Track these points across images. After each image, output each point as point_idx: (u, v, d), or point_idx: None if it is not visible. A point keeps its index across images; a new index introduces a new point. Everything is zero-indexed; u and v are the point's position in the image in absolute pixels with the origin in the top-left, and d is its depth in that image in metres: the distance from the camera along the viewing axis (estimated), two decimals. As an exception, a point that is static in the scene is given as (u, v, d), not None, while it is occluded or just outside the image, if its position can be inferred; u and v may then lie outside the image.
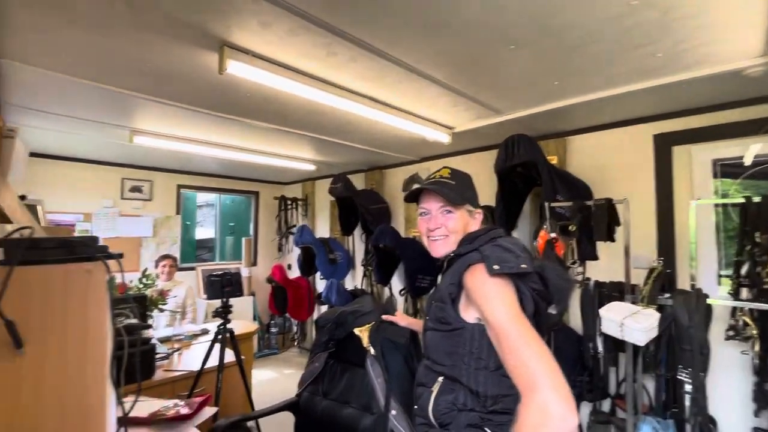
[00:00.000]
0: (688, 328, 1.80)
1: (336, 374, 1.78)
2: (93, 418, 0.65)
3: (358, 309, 1.73)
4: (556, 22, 1.40)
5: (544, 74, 1.85)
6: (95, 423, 0.65)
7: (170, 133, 2.98)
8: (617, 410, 2.31)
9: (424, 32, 1.48)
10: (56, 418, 0.61)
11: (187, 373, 2.20)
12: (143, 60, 1.73)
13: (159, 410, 1.44)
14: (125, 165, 4.21)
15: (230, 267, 5.07)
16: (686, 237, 2.18)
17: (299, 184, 5.33)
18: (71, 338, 0.63)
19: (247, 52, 1.64)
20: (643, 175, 2.44)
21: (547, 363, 0.78)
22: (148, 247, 4.35)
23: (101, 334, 0.64)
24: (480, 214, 1.14)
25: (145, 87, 2.05)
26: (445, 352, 1.01)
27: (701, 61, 1.70)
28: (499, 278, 0.91)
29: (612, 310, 1.92)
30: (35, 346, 0.59)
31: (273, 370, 4.41)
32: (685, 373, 1.81)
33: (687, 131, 2.29)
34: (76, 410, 0.63)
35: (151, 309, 2.62)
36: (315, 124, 2.68)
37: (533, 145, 2.40)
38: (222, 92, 2.10)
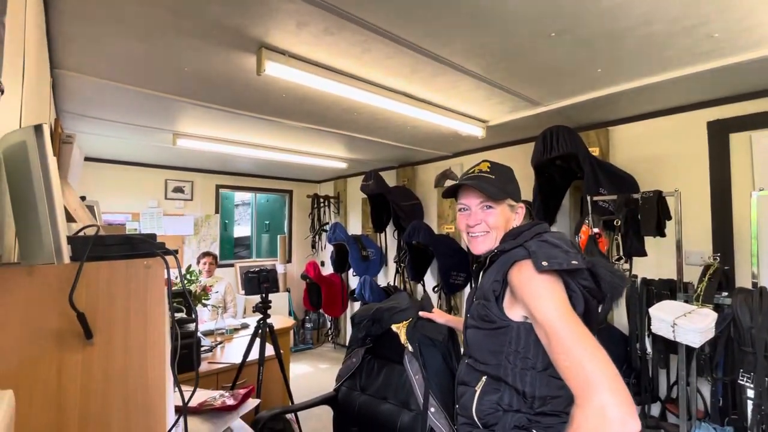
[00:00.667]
0: (749, 329, 1.67)
1: (373, 370, 1.78)
2: (154, 406, 0.68)
3: (395, 306, 1.73)
4: (603, 5, 1.33)
5: (586, 62, 1.77)
6: (156, 409, 0.69)
7: (210, 135, 3.10)
8: (668, 415, 2.19)
9: (461, 23, 1.44)
10: (122, 403, 0.65)
11: (229, 366, 2.28)
12: (186, 65, 1.81)
13: (207, 400, 1.50)
14: (168, 167, 4.42)
15: (266, 264, 5.22)
16: (746, 231, 2.02)
17: (331, 182, 5.40)
18: (134, 330, 0.66)
19: (284, 52, 1.67)
20: (696, 166, 2.28)
21: (604, 364, 0.74)
22: (190, 244, 4.55)
23: (160, 326, 0.67)
24: (522, 209, 1.10)
25: (187, 91, 2.14)
26: (488, 350, 0.99)
27: (762, 41, 1.56)
28: (548, 275, 0.87)
29: (663, 310, 1.81)
30: (103, 336, 0.63)
31: (308, 365, 4.51)
32: (746, 378, 1.68)
33: (746, 117, 2.12)
34: (139, 395, 0.66)
35: (195, 304, 2.74)
36: (348, 122, 2.70)
37: (573, 137, 2.30)
38: (259, 93, 2.16)
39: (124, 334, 0.64)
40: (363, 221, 4.73)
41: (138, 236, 0.67)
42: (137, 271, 0.66)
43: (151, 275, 0.67)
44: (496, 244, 1.05)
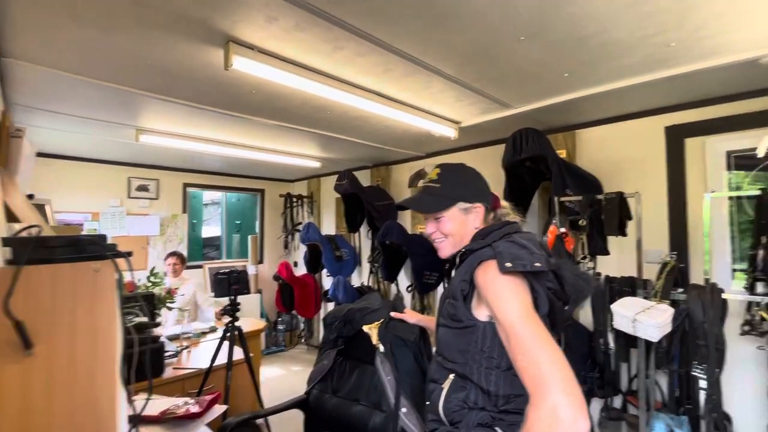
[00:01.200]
0: (702, 323, 1.77)
1: (345, 372, 1.76)
2: (104, 418, 0.64)
3: (367, 306, 1.72)
4: (569, 11, 1.36)
5: (554, 66, 1.82)
6: (107, 422, 0.64)
7: (176, 132, 2.98)
8: (629, 407, 2.28)
9: (432, 23, 1.45)
10: (67, 419, 0.60)
11: (196, 371, 2.20)
12: (148, 57, 1.72)
13: (169, 408, 1.43)
14: (131, 164, 4.22)
15: (237, 265, 5.08)
16: (699, 231, 2.14)
17: (304, 181, 5.32)
18: (81, 338, 0.62)
19: (253, 47, 1.63)
20: (654, 168, 2.40)
21: (559, 365, 0.76)
22: (155, 245, 4.37)
23: (111, 333, 0.63)
24: (480, 208, 1.08)
25: (151, 85, 2.04)
26: (457, 349, 1.00)
27: (716, 50, 1.66)
28: (512, 276, 0.88)
29: (624, 306, 1.89)
30: (45, 347, 0.58)
31: (280, 368, 4.42)
32: (699, 369, 1.78)
33: (700, 123, 2.25)
34: (87, 410, 0.62)
35: (160, 307, 2.63)
36: (321, 121, 2.66)
37: (542, 139, 2.36)
38: (227, 89, 2.09)
39: (69, 343, 0.60)
40: (337, 221, 4.68)
41: (86, 237, 0.62)
42: (85, 275, 0.61)
43: (100, 279, 0.63)
44: (462, 243, 1.06)
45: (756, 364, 1.98)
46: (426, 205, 1.09)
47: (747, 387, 2.02)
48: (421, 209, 1.10)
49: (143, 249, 4.28)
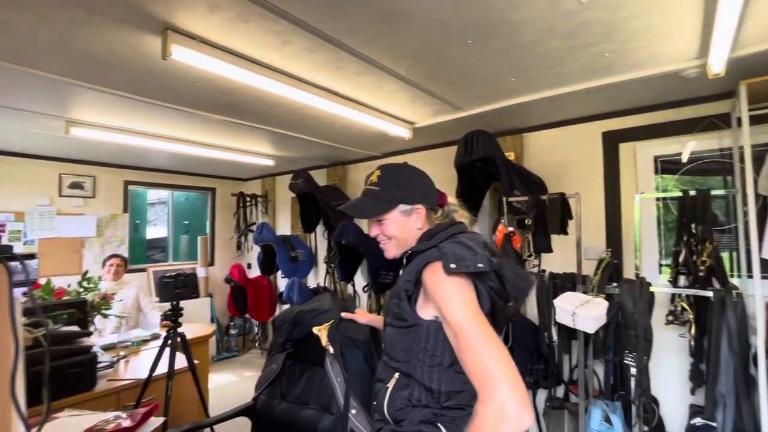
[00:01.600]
0: (632, 314, 1.90)
1: (294, 375, 1.72)
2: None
3: (317, 307, 1.68)
4: (511, 18, 1.41)
5: (500, 71, 1.88)
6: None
7: (114, 125, 2.77)
8: (570, 395, 2.41)
9: (381, 22, 1.44)
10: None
11: (133, 382, 2.05)
12: (75, 42, 1.58)
13: (97, 425, 1.32)
14: (63, 159, 3.87)
15: (185, 267, 4.82)
16: (632, 229, 2.31)
17: (258, 180, 5.15)
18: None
19: (195, 37, 1.54)
20: (593, 171, 2.56)
21: (504, 363, 0.78)
22: (92, 248, 4.03)
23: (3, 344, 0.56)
24: (421, 209, 1.08)
25: (80, 73, 1.87)
26: (401, 348, 1.00)
27: (644, 62, 1.79)
28: (457, 277, 0.89)
29: (565, 300, 1.99)
30: None
31: (233, 374, 4.25)
32: (630, 358, 1.92)
33: (632, 129, 2.43)
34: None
35: (93, 315, 2.43)
36: (273, 117, 2.58)
37: (491, 141, 2.44)
38: (169, 80, 1.96)
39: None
40: (293, 221, 4.58)
41: (-28, 238, 0.55)
42: (-28, 281, 0.54)
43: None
44: (408, 244, 1.08)
45: (678, 350, 2.17)
46: (366, 210, 1.09)
47: (672, 372, 2.21)
48: (360, 214, 1.10)
49: (77, 252, 3.94)
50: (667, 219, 2.45)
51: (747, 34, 1.53)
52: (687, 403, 2.13)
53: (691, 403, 2.10)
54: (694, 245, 1.97)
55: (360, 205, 1.10)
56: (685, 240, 2.01)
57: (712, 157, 2.25)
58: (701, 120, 2.21)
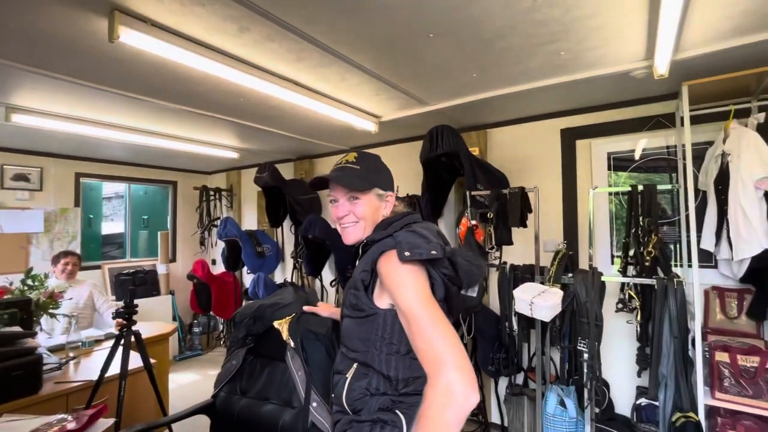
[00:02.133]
0: (585, 302, 2.00)
1: (255, 371, 1.68)
2: None
3: (278, 302, 1.66)
4: (471, 13, 1.44)
5: (462, 65, 1.91)
6: None
7: (62, 113, 2.59)
8: (529, 382, 2.51)
9: (342, 12, 1.43)
10: None
11: (83, 384, 1.95)
12: (11, 20, 1.46)
13: (39, 429, 1.25)
14: (4, 149, 3.59)
15: (144, 264, 4.61)
16: (587, 223, 2.42)
17: (223, 173, 4.99)
18: None
19: (145, 20, 1.46)
20: (552, 166, 2.65)
21: (451, 343, 0.80)
22: (39, 244, 3.78)
23: None
24: (392, 197, 1.12)
25: (18, 54, 1.74)
26: (359, 338, 1.00)
27: (597, 61, 1.87)
28: (411, 264, 0.91)
29: (523, 291, 2.07)
30: None
31: (196, 373, 4.12)
32: (583, 344, 2.02)
33: (587, 126, 2.54)
34: None
35: (40, 314, 2.28)
36: (235, 108, 2.50)
37: (456, 136, 2.48)
38: (120, 65, 1.86)
39: None
40: (259, 215, 4.48)
41: None
42: None
43: None
44: (367, 233, 1.06)
45: (627, 336, 2.31)
46: (349, 181, 1.05)
47: (620, 357, 2.35)
48: (344, 184, 1.05)
49: (23, 249, 3.68)
50: (621, 213, 2.59)
51: (688, 38, 1.63)
52: (635, 385, 2.27)
53: (638, 384, 2.24)
54: (641, 237, 2.09)
55: (345, 176, 1.06)
56: (633, 232, 2.13)
57: (660, 154, 2.39)
58: (650, 119, 2.35)
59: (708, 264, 2.13)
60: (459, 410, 0.74)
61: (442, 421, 0.74)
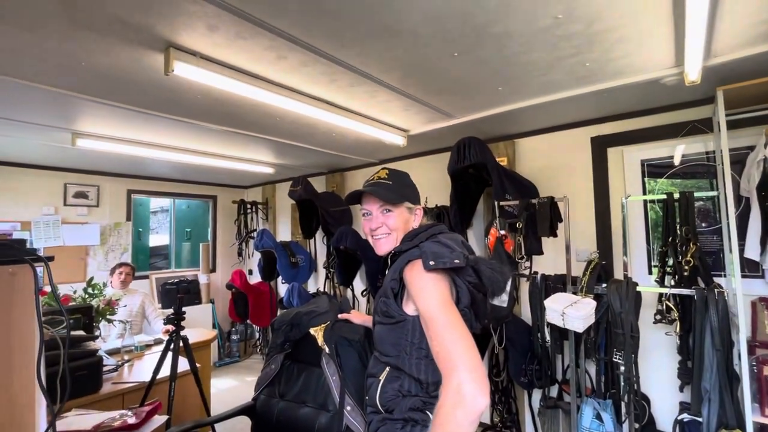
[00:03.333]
0: (619, 313, 1.96)
1: (293, 375, 1.78)
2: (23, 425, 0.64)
3: (314, 309, 1.75)
4: (494, 32, 1.50)
5: (487, 80, 1.96)
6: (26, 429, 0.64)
7: (118, 136, 2.86)
8: (564, 394, 2.46)
9: (371, 37, 1.53)
10: (-20, 426, 0.60)
11: (137, 385, 2.12)
12: (83, 59, 1.67)
13: (104, 422, 1.39)
14: (68, 169, 3.97)
15: (187, 274, 4.89)
16: (620, 230, 2.37)
17: (259, 187, 5.24)
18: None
19: (195, 53, 1.63)
20: (582, 175, 2.63)
21: (464, 346, 0.84)
22: (95, 255, 4.11)
23: (28, 341, 0.63)
24: (420, 210, 1.20)
25: (87, 87, 1.96)
26: (390, 343, 1.07)
27: (625, 70, 1.87)
28: (435, 273, 0.97)
29: (555, 301, 2.05)
30: (-46, 352, 0.58)
31: (234, 379, 4.30)
32: (618, 356, 1.97)
33: (619, 134, 2.50)
34: (3, 422, 0.61)
35: (99, 320, 2.50)
36: (271, 127, 2.67)
37: (483, 147, 2.52)
38: (171, 94, 2.06)
39: (-19, 348, 0.59)
40: (292, 227, 4.65)
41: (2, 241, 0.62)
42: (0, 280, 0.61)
43: (17, 284, 0.63)
44: (398, 244, 1.14)
45: (667, 349, 2.23)
46: (383, 194, 1.14)
47: (661, 370, 2.26)
48: (379, 196, 1.14)
49: (81, 260, 4.02)
50: (659, 221, 2.51)
51: (719, 44, 1.60)
52: (677, 400, 2.18)
53: (681, 400, 2.15)
54: (679, 246, 2.03)
55: (379, 190, 1.14)
56: (670, 241, 2.07)
57: (699, 160, 2.32)
58: (685, 125, 2.29)
59: (755, 274, 2.04)
60: (467, 410, 0.78)
61: (452, 420, 0.78)
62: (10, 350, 0.63)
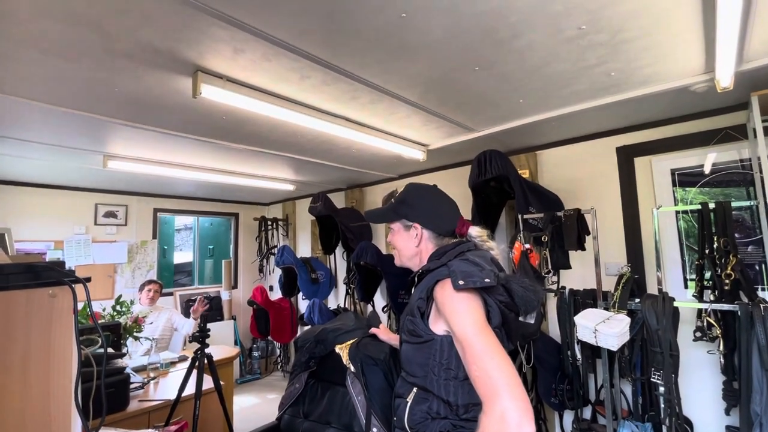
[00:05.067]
0: (657, 331, 1.87)
1: (317, 394, 1.75)
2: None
3: (340, 327, 1.73)
4: (515, 45, 1.49)
5: (509, 93, 1.95)
6: (60, 452, 0.64)
7: (145, 157, 2.96)
8: (598, 416, 2.34)
9: (392, 55, 1.55)
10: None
11: (163, 403, 2.13)
12: (116, 85, 1.75)
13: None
14: (98, 190, 4.13)
15: (210, 291, 4.96)
16: (653, 244, 2.28)
17: (279, 204, 5.32)
18: (35, 366, 0.62)
19: (221, 76, 1.68)
20: (609, 186, 2.55)
21: (506, 371, 0.81)
22: (123, 273, 4.23)
23: (66, 361, 0.64)
24: (417, 227, 1.16)
25: (119, 112, 2.05)
26: (417, 363, 1.04)
27: (652, 78, 1.82)
28: (466, 292, 0.94)
29: (586, 317, 1.97)
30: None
31: (256, 396, 4.28)
32: (657, 375, 1.87)
33: (646, 143, 2.43)
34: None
35: (126, 337, 2.54)
36: (293, 145, 2.72)
37: (504, 160, 2.49)
38: (197, 115, 2.12)
39: (22, 372, 0.60)
40: (312, 243, 4.68)
41: (42, 264, 0.64)
42: (41, 302, 0.62)
43: (57, 306, 0.64)
44: (411, 261, 1.18)
45: (710, 368, 2.10)
46: (377, 215, 1.25)
47: (704, 391, 2.13)
48: (370, 218, 1.26)
49: (110, 277, 4.14)
50: (693, 231, 2.41)
51: (752, 50, 1.55)
52: (723, 424, 2.03)
53: (728, 424, 2.01)
54: (717, 258, 1.93)
55: (374, 211, 1.26)
56: (707, 253, 1.97)
57: (734, 168, 2.23)
58: (717, 132, 2.21)
59: (803, 287, 1.91)
60: None
61: None
62: (49, 373, 0.64)
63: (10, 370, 0.61)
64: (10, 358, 0.61)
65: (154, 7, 1.22)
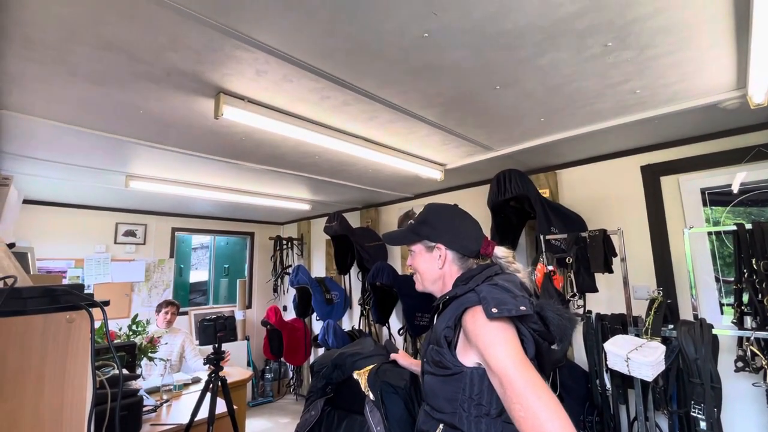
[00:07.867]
0: (695, 360, 1.75)
1: (333, 422, 1.68)
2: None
3: (359, 351, 1.67)
4: (539, 64, 1.47)
5: (530, 112, 1.92)
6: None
7: (165, 177, 3.01)
8: (632, 453, 2.18)
9: (413, 76, 1.54)
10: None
11: (175, 427, 2.08)
12: (141, 107, 1.78)
13: (143, 470, 1.34)
14: (119, 209, 4.21)
15: (224, 310, 4.94)
16: (684, 266, 2.17)
17: (294, 223, 5.33)
18: (49, 391, 0.59)
19: (243, 97, 1.70)
20: (634, 206, 2.47)
21: (557, 415, 0.75)
22: (140, 292, 4.25)
23: (82, 386, 0.61)
24: (441, 248, 1.10)
25: (143, 133, 2.09)
26: (444, 398, 0.97)
27: (678, 96, 1.77)
28: (499, 321, 0.88)
29: (617, 344, 1.86)
30: (9, 402, 0.56)
31: (268, 420, 4.18)
32: (698, 409, 1.73)
33: (673, 162, 2.35)
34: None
35: (141, 358, 2.52)
36: (310, 165, 2.72)
37: (524, 179, 2.44)
38: (217, 136, 2.15)
39: (35, 397, 0.57)
40: (327, 263, 4.65)
41: (61, 287, 0.61)
42: (58, 326, 0.60)
43: (74, 330, 0.61)
44: (434, 285, 1.12)
45: (754, 402, 1.95)
46: (396, 237, 1.20)
47: (748, 427, 1.97)
48: (389, 240, 1.22)
49: (126, 296, 4.16)
50: (723, 252, 2.29)
51: (787, 64, 1.49)
52: (772, 465, 1.87)
53: (778, 464, 1.84)
54: (757, 282, 1.82)
55: (393, 233, 1.22)
56: (746, 277, 1.86)
57: (767, 186, 2.13)
58: (749, 149, 2.12)
59: None
60: None
61: None
62: (63, 399, 0.61)
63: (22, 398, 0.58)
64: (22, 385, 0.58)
65: (181, 32, 1.24)
